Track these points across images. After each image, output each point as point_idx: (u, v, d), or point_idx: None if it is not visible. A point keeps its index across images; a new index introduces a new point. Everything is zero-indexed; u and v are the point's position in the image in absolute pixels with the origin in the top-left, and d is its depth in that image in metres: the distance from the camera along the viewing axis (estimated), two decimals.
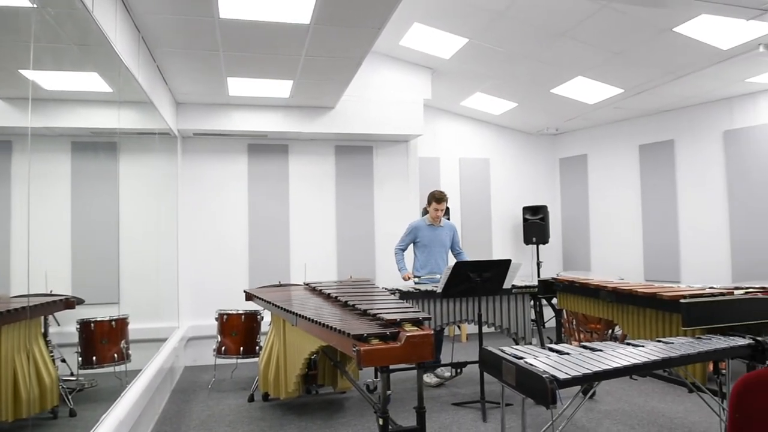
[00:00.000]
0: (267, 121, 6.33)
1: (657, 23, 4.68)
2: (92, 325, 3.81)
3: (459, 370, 5.15)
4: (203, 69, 5.02)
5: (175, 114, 6.03)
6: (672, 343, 2.62)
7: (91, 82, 3.58)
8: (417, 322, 2.56)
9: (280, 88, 5.67)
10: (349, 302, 3.29)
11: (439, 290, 4.35)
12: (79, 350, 3.76)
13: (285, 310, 3.67)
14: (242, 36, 4.27)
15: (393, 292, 4.46)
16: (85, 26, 2.95)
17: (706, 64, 5.35)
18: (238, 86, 5.57)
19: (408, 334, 2.36)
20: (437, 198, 5.29)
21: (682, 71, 5.60)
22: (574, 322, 6.05)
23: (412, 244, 5.49)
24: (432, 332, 2.42)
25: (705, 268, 6.50)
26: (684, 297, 3.06)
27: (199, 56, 4.69)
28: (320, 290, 4.10)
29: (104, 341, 3.82)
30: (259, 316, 5.19)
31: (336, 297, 3.62)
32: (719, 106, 6.46)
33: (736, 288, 4.21)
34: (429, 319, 2.68)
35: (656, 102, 6.66)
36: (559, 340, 4.96)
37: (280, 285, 5.44)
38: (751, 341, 2.70)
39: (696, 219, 6.68)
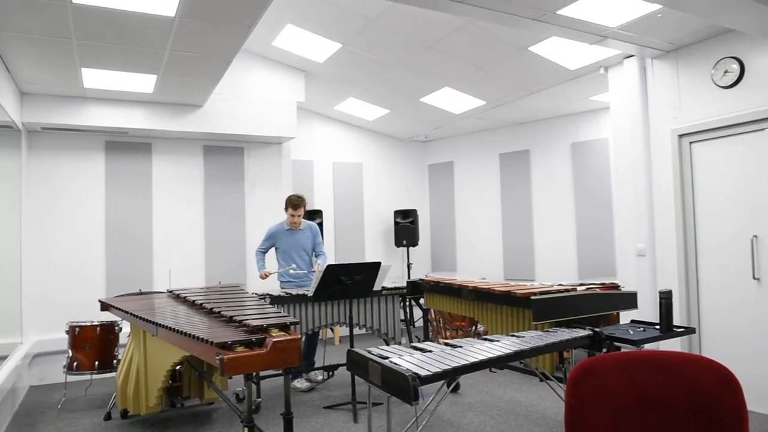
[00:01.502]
0: (128, 117, 5.90)
1: (515, 42, 5.06)
2: None
3: (331, 373, 5.17)
4: (53, 57, 4.55)
5: (19, 105, 5.42)
6: (524, 336, 2.84)
7: None
8: (284, 327, 2.53)
9: (143, 83, 5.32)
10: (214, 309, 3.17)
11: (310, 294, 4.33)
12: None
13: (144, 319, 3.45)
14: (99, 24, 3.94)
15: (263, 297, 4.37)
16: None
17: (556, 82, 5.88)
18: (95, 78, 5.13)
19: (275, 339, 2.33)
20: (294, 204, 5.22)
21: (536, 87, 6.10)
22: (441, 321, 6.34)
23: (273, 249, 5.38)
24: (299, 337, 2.40)
25: (556, 267, 7.12)
26: (534, 294, 3.33)
27: (48, 43, 4.25)
28: (185, 297, 3.90)
29: None
30: (117, 327, 4.81)
31: (201, 304, 3.47)
32: (568, 121, 7.14)
33: (581, 284, 4.66)
34: (297, 323, 2.66)
35: (514, 114, 7.19)
36: (426, 339, 5.17)
37: (141, 293, 5.09)
38: (590, 332, 3.01)
39: (548, 222, 7.31)
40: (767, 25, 3.67)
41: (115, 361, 4.73)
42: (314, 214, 7.20)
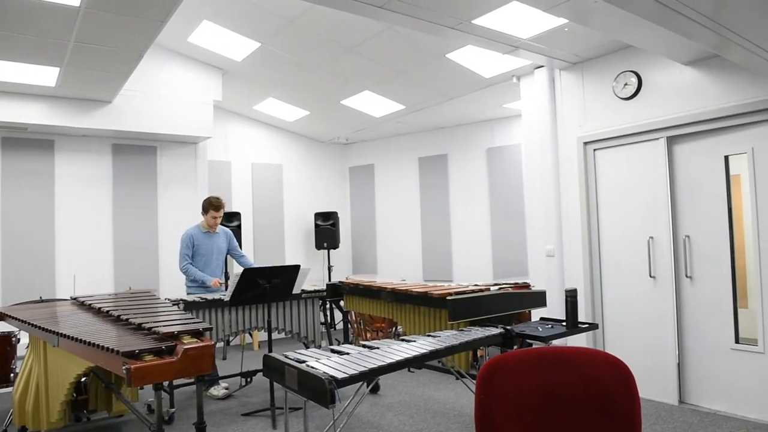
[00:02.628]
0: (27, 112, 5.49)
1: (433, 48, 5.18)
2: None
3: (249, 379, 5.05)
4: None
5: None
6: (439, 336, 2.91)
7: None
8: (197, 334, 2.44)
9: (44, 76, 4.98)
10: (122, 316, 3.02)
11: (227, 298, 4.22)
12: None
13: (44, 329, 3.22)
14: None
15: (176, 303, 4.20)
16: None
17: (472, 89, 6.08)
18: None
19: (186, 346, 2.24)
20: (215, 205, 5.08)
21: (453, 93, 6.28)
22: (361, 323, 6.36)
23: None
24: (212, 343, 2.33)
25: (472, 268, 7.35)
26: (450, 294, 3.42)
27: None
28: (90, 305, 3.68)
29: None
30: (14, 338, 4.46)
31: (108, 311, 3.28)
32: (483, 127, 7.39)
33: (495, 284, 4.84)
34: (210, 329, 2.58)
35: (433, 119, 7.36)
36: (346, 341, 5.17)
37: (42, 301, 4.75)
38: (502, 330, 3.12)
39: (465, 224, 7.53)
40: (662, 43, 3.98)
41: (12, 375, 4.39)
42: (232, 217, 7.02)
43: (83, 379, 3.94)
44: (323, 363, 2.35)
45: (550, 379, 1.74)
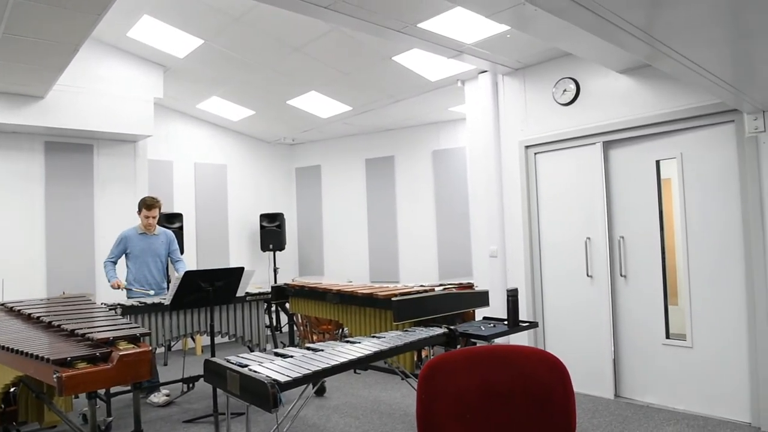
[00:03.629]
0: None
1: (380, 51, 5.20)
2: None
3: (191, 385, 4.93)
4: None
5: None
6: (384, 337, 2.93)
7: None
8: (134, 339, 2.36)
9: None
10: (54, 323, 2.88)
11: (167, 302, 4.09)
12: None
13: None
14: None
15: (113, 307, 4.05)
16: None
17: (418, 92, 6.15)
18: None
19: (122, 353, 2.17)
20: (148, 204, 4.93)
21: (400, 96, 6.32)
22: (308, 325, 6.32)
23: (124, 256, 5.01)
24: (150, 349, 2.26)
25: (419, 268, 7.42)
26: (395, 295, 3.45)
27: None
28: (19, 311, 3.49)
29: None
30: None
31: (39, 317, 3.13)
32: (429, 129, 7.49)
33: (440, 285, 4.91)
34: (147, 334, 2.50)
35: (380, 121, 7.39)
36: (291, 344, 5.12)
37: None
38: (446, 330, 3.17)
39: (411, 226, 7.60)
40: (598, 51, 4.14)
41: None
42: (174, 218, 6.82)
43: (12, 390, 3.73)
44: (266, 366, 2.32)
45: (489, 377, 1.78)
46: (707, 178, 4.15)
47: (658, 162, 4.45)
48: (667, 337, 4.39)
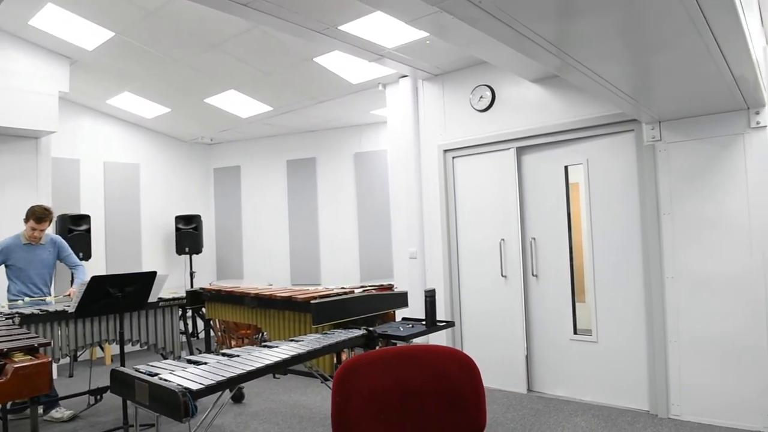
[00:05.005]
0: None
1: (301, 51, 5.16)
2: None
3: (99, 397, 4.66)
4: None
5: None
6: (302, 340, 2.90)
7: None
8: (31, 350, 2.20)
9: None
10: None
11: (71, 310, 3.84)
12: None
13: None
14: None
15: (11, 316, 3.75)
16: None
17: (340, 94, 6.15)
18: None
19: (17, 365, 2.01)
20: (38, 216, 4.40)
21: (322, 97, 6.30)
22: (226, 331, 6.14)
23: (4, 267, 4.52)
24: (49, 360, 2.11)
25: (340, 270, 7.42)
26: (315, 298, 3.43)
27: None
28: None
29: None
30: None
31: None
32: (351, 132, 7.51)
33: (361, 287, 4.92)
34: (47, 344, 2.34)
35: (302, 122, 7.33)
36: (208, 351, 4.96)
37: None
38: (365, 331, 3.19)
39: (333, 228, 7.58)
40: (511, 61, 4.32)
41: None
42: (80, 220, 6.43)
43: None
44: (178, 375, 2.24)
45: (403, 377, 1.81)
46: (610, 183, 4.43)
47: (566, 167, 4.70)
48: (575, 332, 4.64)
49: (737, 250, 3.77)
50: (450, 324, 3.73)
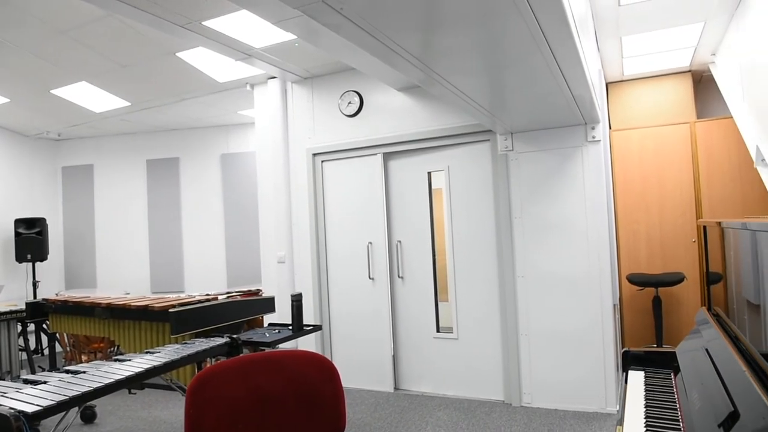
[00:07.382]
0: None
1: (162, 45, 4.87)
2: None
3: None
4: None
5: None
6: (159, 352, 2.74)
7: None
8: None
9: None
10: None
11: None
12: None
13: None
14: None
15: None
16: None
17: (205, 92, 5.90)
18: None
19: None
20: None
21: (186, 95, 6.00)
22: (75, 346, 5.62)
23: None
24: None
25: (206, 277, 7.11)
26: (173, 306, 3.25)
27: None
28: None
29: None
30: None
31: None
32: (218, 132, 7.24)
33: (227, 293, 4.76)
34: None
35: (164, 120, 6.92)
36: (52, 368, 4.50)
37: None
38: (228, 339, 3.09)
39: (198, 232, 7.25)
40: (378, 69, 4.44)
41: None
42: None
43: None
44: (11, 397, 2.02)
45: (261, 384, 1.78)
46: (469, 189, 4.72)
47: (429, 173, 4.92)
48: (438, 330, 4.87)
49: (576, 251, 4.19)
50: (317, 328, 3.74)
